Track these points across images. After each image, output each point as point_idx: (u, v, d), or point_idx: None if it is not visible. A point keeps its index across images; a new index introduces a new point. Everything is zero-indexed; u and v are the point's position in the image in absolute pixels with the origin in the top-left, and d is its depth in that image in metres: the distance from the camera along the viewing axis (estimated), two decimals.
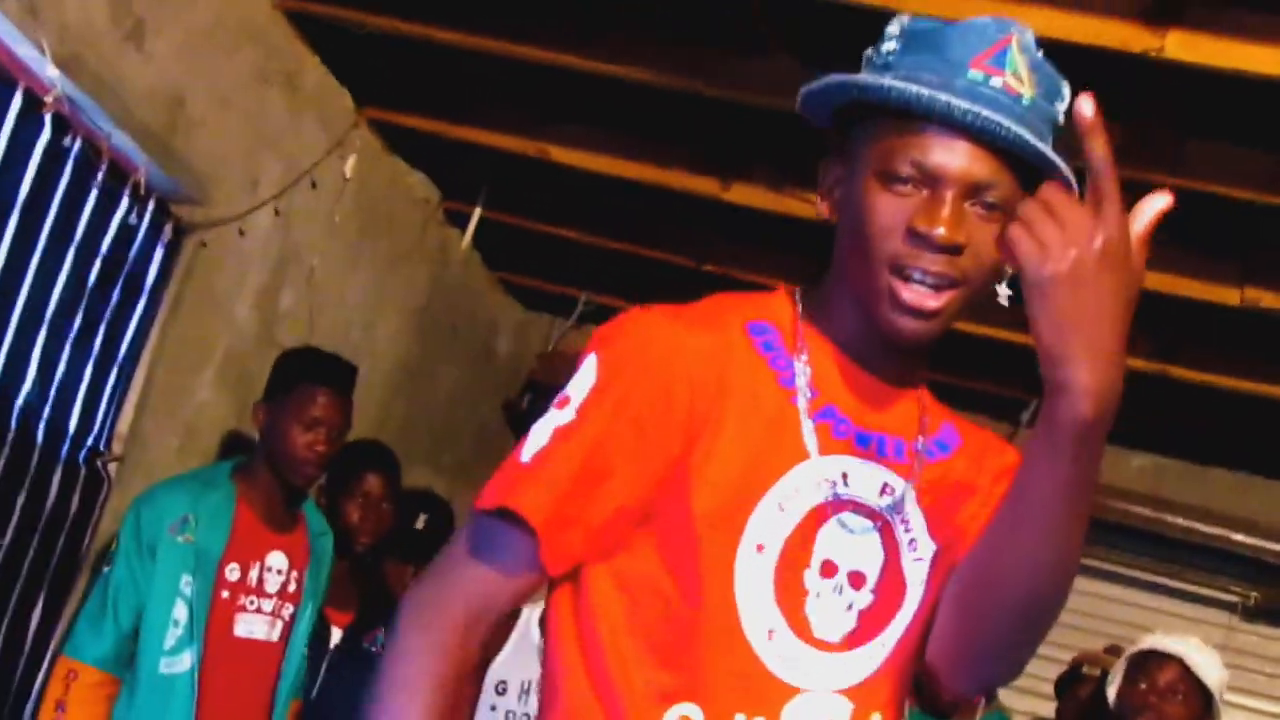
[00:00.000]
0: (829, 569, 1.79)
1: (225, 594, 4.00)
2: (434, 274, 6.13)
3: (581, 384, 1.76)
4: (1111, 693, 4.26)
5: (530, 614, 4.41)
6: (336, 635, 4.69)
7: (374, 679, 1.73)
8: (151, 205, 4.27)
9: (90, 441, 4.27)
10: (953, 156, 1.68)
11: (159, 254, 4.37)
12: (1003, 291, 1.76)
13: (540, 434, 1.76)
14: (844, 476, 1.79)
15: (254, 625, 4.09)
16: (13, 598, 4.07)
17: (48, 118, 3.78)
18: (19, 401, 3.95)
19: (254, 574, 4.09)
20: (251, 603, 4.08)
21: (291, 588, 4.17)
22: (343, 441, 4.27)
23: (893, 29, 1.77)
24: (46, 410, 4.07)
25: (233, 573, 4.02)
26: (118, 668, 3.88)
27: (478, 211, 6.01)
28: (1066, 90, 1.78)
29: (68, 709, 3.84)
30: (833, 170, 1.81)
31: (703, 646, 1.74)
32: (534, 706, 4.22)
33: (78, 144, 3.92)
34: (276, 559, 4.14)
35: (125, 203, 4.16)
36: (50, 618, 4.23)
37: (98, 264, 4.14)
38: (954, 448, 1.91)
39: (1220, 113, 4.17)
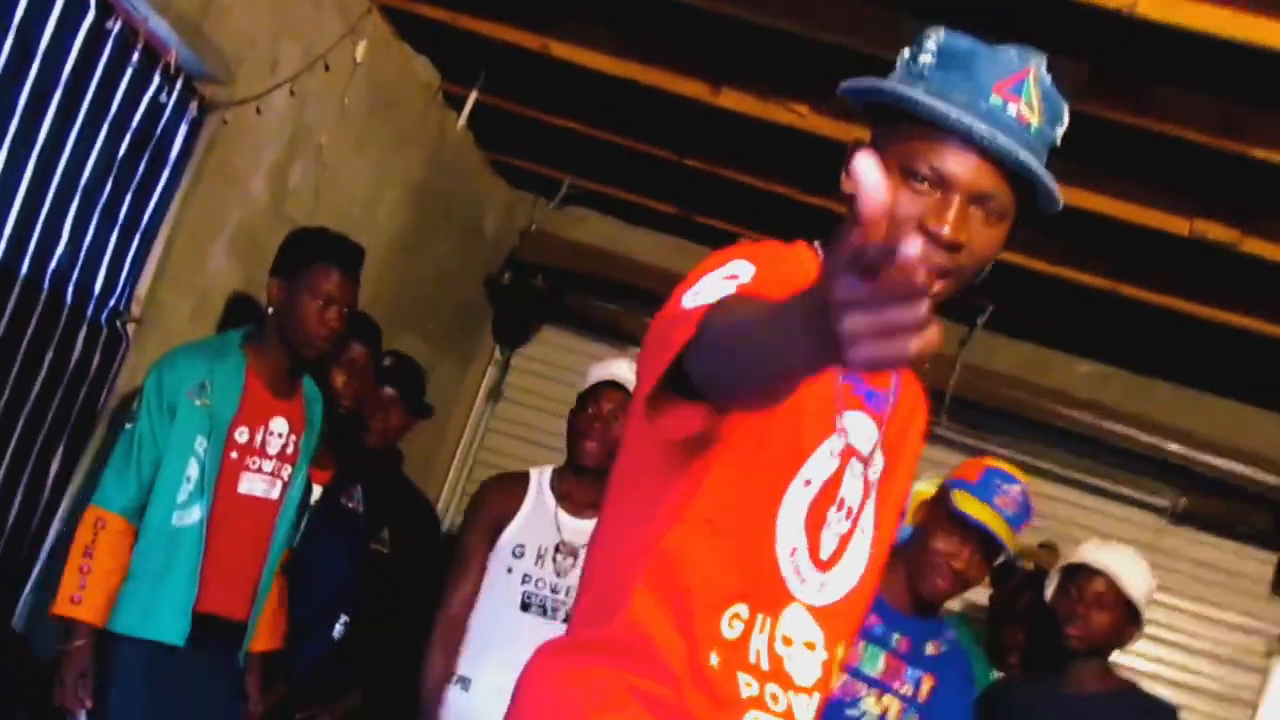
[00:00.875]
0: (841, 504, 2.15)
1: (233, 455, 4.26)
2: (431, 154, 6.38)
3: (729, 269, 1.92)
4: (1049, 594, 4.51)
5: (540, 478, 4.67)
6: (317, 492, 4.94)
7: None
8: (180, 84, 4.52)
9: (113, 303, 4.55)
10: (965, 168, 1.99)
11: (183, 130, 4.63)
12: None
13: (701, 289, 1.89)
14: (854, 428, 2.14)
15: (255, 484, 4.35)
16: (37, 445, 4.37)
17: (92, 1, 4.03)
18: (52, 265, 4.23)
19: (259, 437, 4.34)
20: (254, 463, 4.33)
21: (290, 450, 4.43)
22: (347, 316, 4.43)
23: (930, 44, 2.05)
24: (76, 273, 4.34)
25: (241, 435, 4.28)
26: (139, 517, 4.15)
27: (474, 94, 6.26)
28: (1066, 114, 2.09)
29: (95, 554, 4.09)
30: (856, 152, 2.10)
31: (745, 555, 2.08)
32: (550, 571, 4.51)
33: (118, 26, 4.17)
34: (279, 424, 4.39)
35: (157, 81, 4.41)
36: (69, 465, 4.54)
37: (128, 139, 4.38)
38: (899, 389, 2.26)
39: (1182, 63, 4.45)
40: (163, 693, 4.16)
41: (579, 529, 4.53)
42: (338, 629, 5.05)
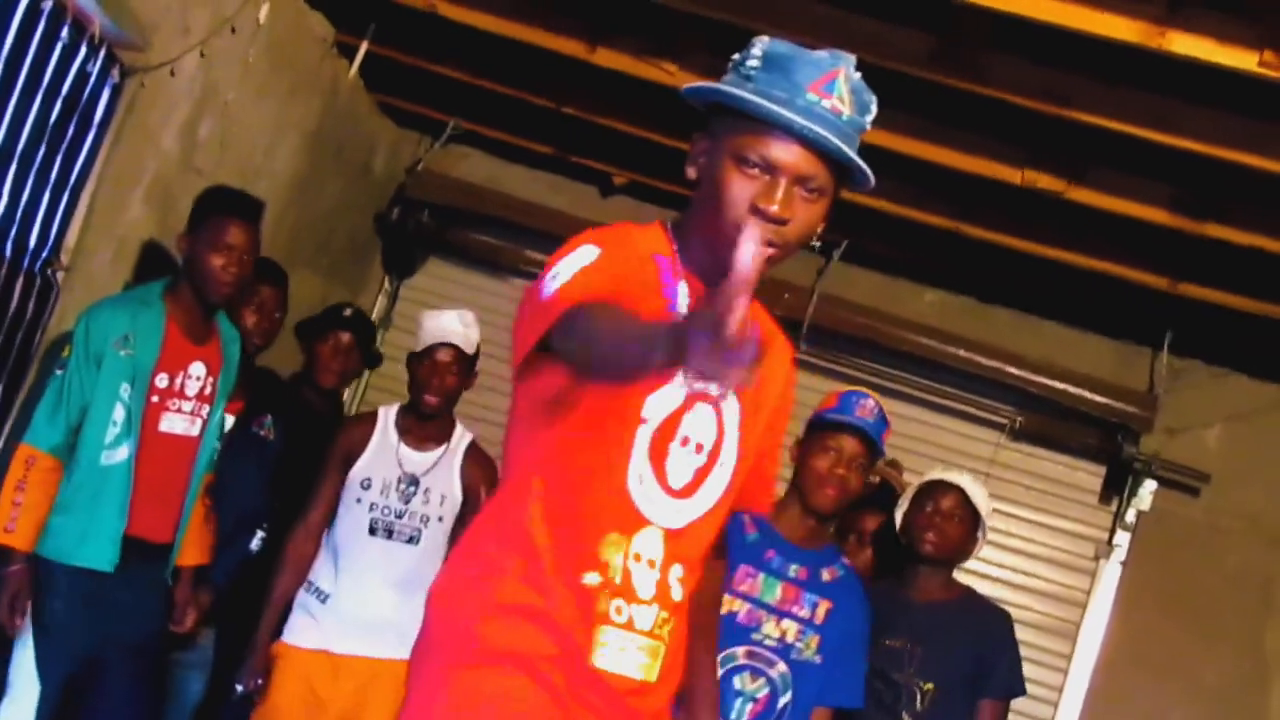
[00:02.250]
0: (686, 441, 2.55)
1: (155, 399, 4.61)
2: (325, 102, 6.76)
3: (580, 253, 2.41)
4: (899, 516, 4.83)
5: (386, 416, 5.12)
6: (229, 422, 5.30)
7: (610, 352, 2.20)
8: (103, 53, 4.87)
9: (45, 254, 4.92)
10: (788, 155, 2.37)
11: (106, 94, 4.98)
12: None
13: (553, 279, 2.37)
14: None
15: (176, 423, 4.69)
16: None
17: None
18: None
19: (179, 381, 4.68)
20: (175, 405, 4.68)
21: (208, 390, 4.78)
22: (252, 264, 4.79)
23: (756, 51, 2.43)
24: (13, 229, 4.71)
25: (161, 381, 4.62)
26: (67, 455, 4.50)
27: (365, 45, 6.65)
28: (874, 105, 2.47)
29: (27, 488, 4.45)
30: (701, 145, 2.51)
31: (604, 486, 2.48)
32: (395, 499, 4.97)
33: (50, 4, 4.53)
34: (197, 368, 4.73)
35: (83, 52, 4.77)
36: (6, 403, 4.92)
37: (59, 105, 4.75)
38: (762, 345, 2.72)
39: (1013, 40, 4.96)
40: (97, 608, 4.52)
41: (420, 461, 5.04)
42: (255, 542, 5.52)
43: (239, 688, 4.92)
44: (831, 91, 2.39)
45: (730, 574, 4.03)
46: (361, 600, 4.95)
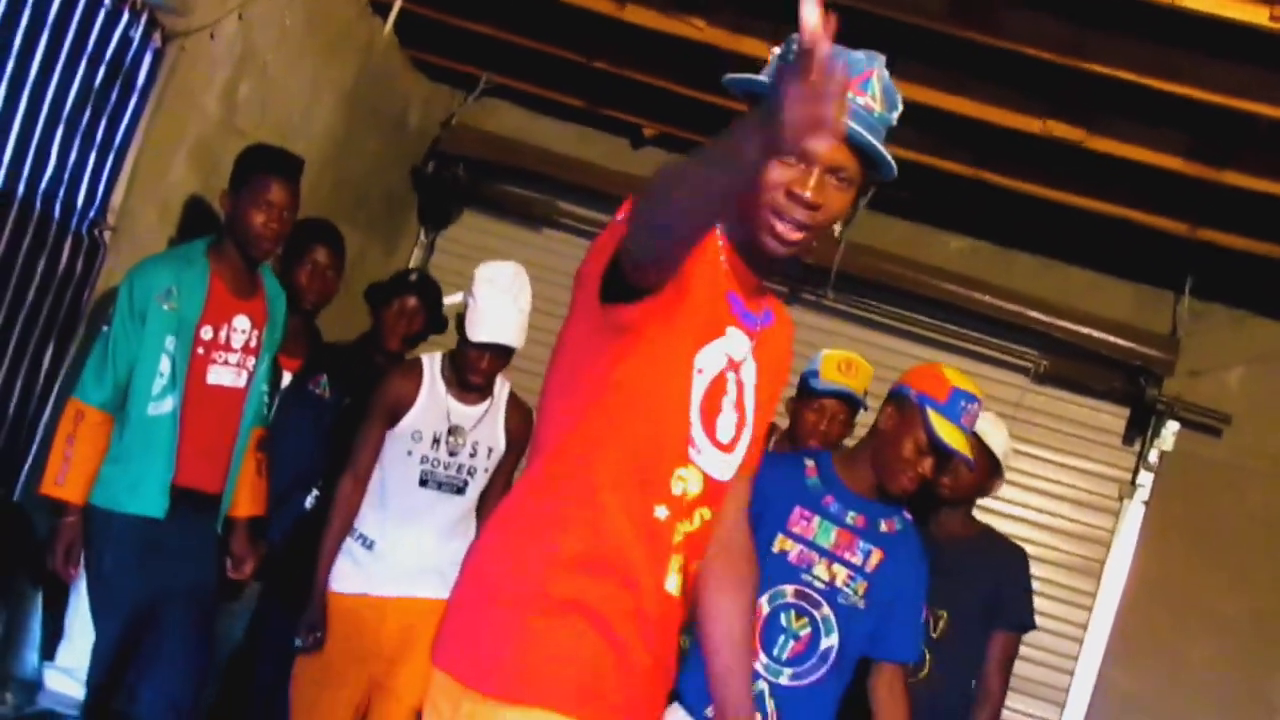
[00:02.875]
0: (728, 397, 2.70)
1: (200, 351, 4.76)
2: (361, 61, 6.92)
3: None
4: None
5: (432, 366, 5.17)
6: (287, 378, 5.56)
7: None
8: (144, 18, 5.06)
9: (92, 215, 5.10)
10: (824, 148, 2.41)
11: (148, 59, 5.17)
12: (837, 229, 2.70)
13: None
14: (732, 339, 2.71)
15: (222, 375, 4.84)
16: (32, 342, 4.96)
17: None
18: (42, 185, 4.80)
19: (224, 334, 4.83)
20: (220, 357, 4.83)
21: (253, 344, 4.92)
22: (293, 220, 4.96)
23: (796, 47, 2.57)
24: (61, 192, 4.90)
25: (207, 333, 4.77)
26: (115, 409, 4.66)
27: (399, 2, 6.78)
28: (900, 102, 2.62)
29: (76, 442, 4.61)
30: None
31: (669, 423, 2.62)
32: (444, 451, 5.06)
33: None
34: (241, 321, 4.88)
35: (126, 18, 4.96)
36: (58, 359, 5.11)
37: (102, 70, 4.93)
38: (774, 318, 2.85)
39: None
40: (150, 556, 4.68)
41: (467, 414, 5.12)
42: (309, 500, 5.65)
43: (297, 642, 5.01)
44: (866, 90, 2.56)
45: (786, 513, 4.16)
46: (409, 547, 5.07)
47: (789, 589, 4.14)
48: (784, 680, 4.14)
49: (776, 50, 2.62)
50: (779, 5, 5.68)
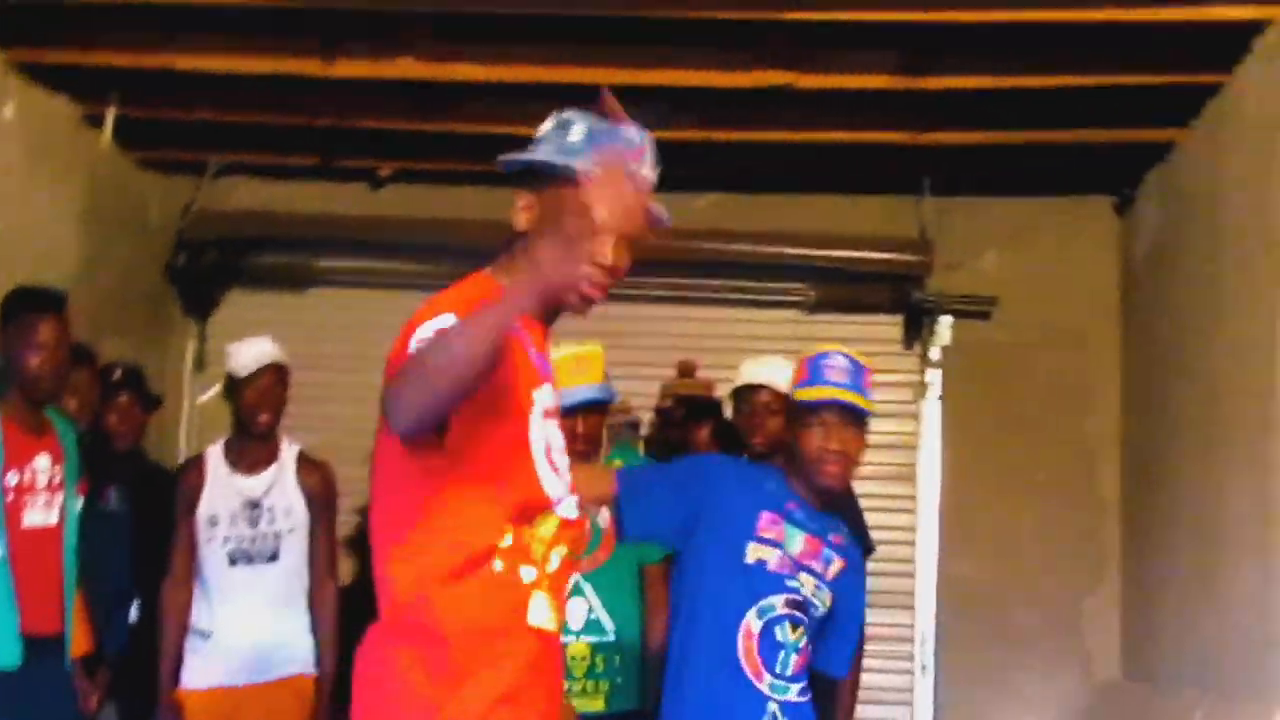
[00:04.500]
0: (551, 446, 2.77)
1: (10, 497, 4.75)
2: (89, 176, 6.95)
3: (439, 320, 2.50)
4: (729, 415, 5.15)
5: (214, 453, 5.35)
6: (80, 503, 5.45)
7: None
8: None
9: None
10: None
11: None
12: None
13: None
14: (544, 392, 2.76)
15: (35, 516, 4.84)
16: None
17: None
18: None
19: (28, 476, 4.82)
20: (30, 500, 4.82)
21: (56, 480, 4.92)
22: (67, 353, 4.93)
23: (578, 128, 2.69)
24: None
25: (12, 478, 4.76)
26: None
27: (111, 112, 6.83)
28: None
29: None
30: (525, 200, 2.72)
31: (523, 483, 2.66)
32: (244, 526, 5.24)
33: None
34: (42, 460, 4.88)
35: None
36: None
37: None
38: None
39: None
40: (6, 710, 4.62)
41: (255, 484, 5.30)
42: (133, 612, 5.73)
43: None
44: (645, 161, 2.72)
45: (753, 519, 3.85)
46: (242, 628, 5.18)
47: (778, 600, 3.82)
48: (792, 697, 3.84)
49: (548, 125, 2.74)
50: (484, 28, 5.89)
